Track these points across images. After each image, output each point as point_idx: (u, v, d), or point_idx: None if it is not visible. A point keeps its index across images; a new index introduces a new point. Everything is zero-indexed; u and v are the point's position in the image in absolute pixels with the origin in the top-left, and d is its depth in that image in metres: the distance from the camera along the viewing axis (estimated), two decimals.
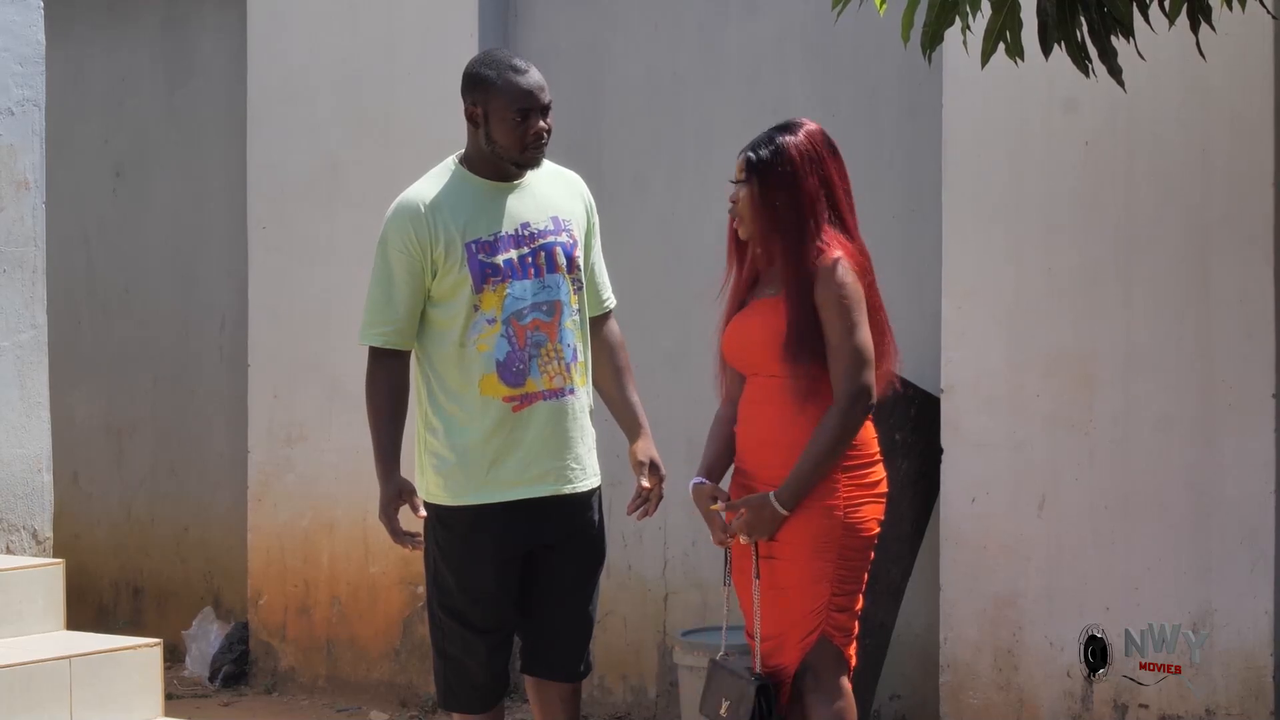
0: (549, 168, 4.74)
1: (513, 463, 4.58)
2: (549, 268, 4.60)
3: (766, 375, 4.49)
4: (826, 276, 4.40)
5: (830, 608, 4.43)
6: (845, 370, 4.38)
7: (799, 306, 4.42)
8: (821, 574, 4.42)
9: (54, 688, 5.29)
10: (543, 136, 4.59)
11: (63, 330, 7.54)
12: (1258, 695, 5.43)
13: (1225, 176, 5.48)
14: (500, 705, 4.76)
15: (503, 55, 4.69)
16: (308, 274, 7.34)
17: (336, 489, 7.22)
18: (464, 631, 4.65)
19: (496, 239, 4.58)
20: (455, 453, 4.60)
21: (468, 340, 4.56)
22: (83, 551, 7.97)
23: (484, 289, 4.55)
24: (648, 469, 4.72)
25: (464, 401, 4.59)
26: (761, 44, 6.55)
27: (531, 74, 4.60)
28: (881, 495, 4.51)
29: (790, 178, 4.44)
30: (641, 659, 6.72)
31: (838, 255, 4.41)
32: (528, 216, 4.61)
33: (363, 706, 7.11)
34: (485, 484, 4.59)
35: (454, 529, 4.64)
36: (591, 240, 4.76)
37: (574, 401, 4.61)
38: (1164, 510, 5.57)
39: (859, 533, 4.44)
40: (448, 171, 4.69)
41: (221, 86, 7.91)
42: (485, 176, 4.64)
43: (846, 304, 4.38)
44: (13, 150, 6.04)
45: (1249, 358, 5.45)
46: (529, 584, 4.67)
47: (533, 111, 4.58)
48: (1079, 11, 4.37)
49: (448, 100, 6.97)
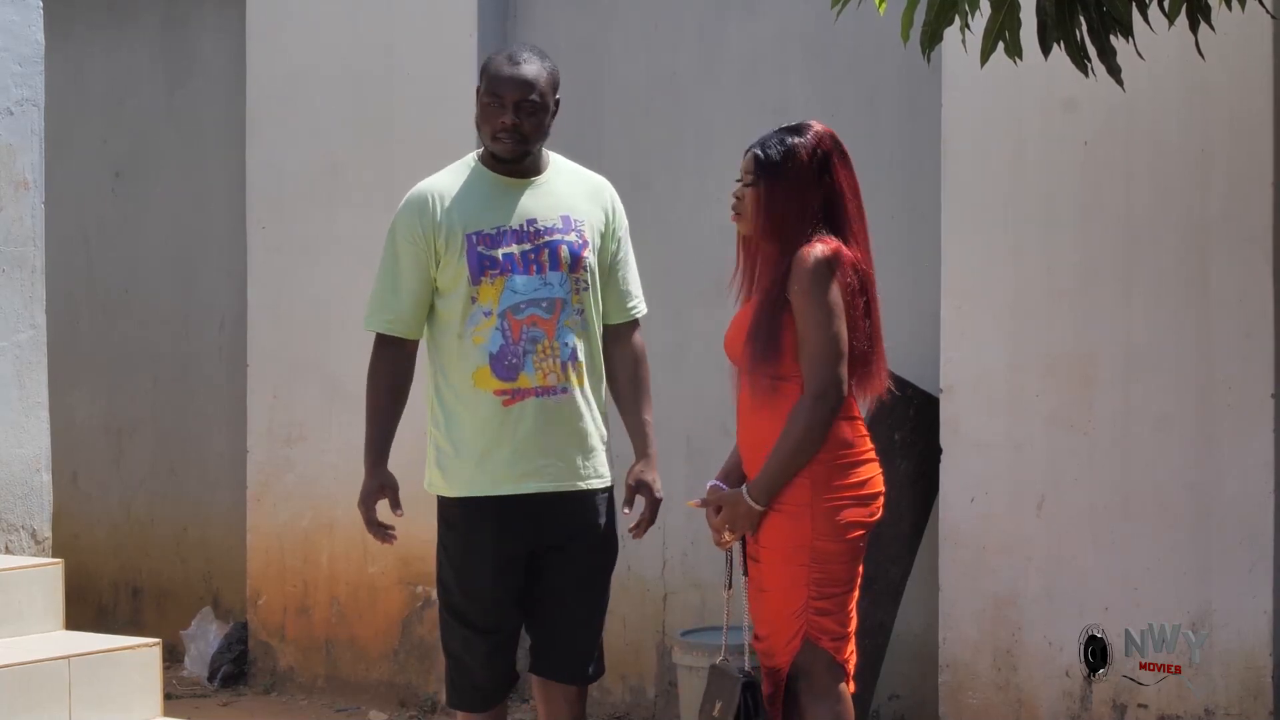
0: (575, 170, 4.76)
1: (503, 457, 4.59)
2: (551, 265, 4.59)
3: (747, 372, 4.47)
4: (797, 269, 4.34)
5: (810, 611, 4.37)
6: (811, 363, 4.32)
7: (768, 303, 4.38)
8: (796, 578, 4.36)
9: (53, 688, 5.29)
10: (510, 130, 4.57)
11: (62, 330, 7.53)
12: (1257, 695, 5.43)
13: (1225, 176, 5.47)
14: (504, 705, 4.76)
15: (519, 47, 4.68)
16: (308, 274, 7.34)
17: (336, 489, 7.22)
18: (464, 630, 4.66)
19: (499, 232, 4.59)
20: (453, 445, 4.64)
21: (465, 332, 4.58)
22: (82, 551, 7.97)
23: (481, 281, 4.56)
24: (635, 492, 4.73)
25: (460, 394, 4.61)
26: (761, 44, 6.55)
27: (522, 68, 4.58)
28: (869, 496, 4.43)
29: (795, 181, 4.41)
30: (641, 659, 6.72)
31: (819, 251, 4.35)
32: (536, 213, 4.62)
33: (362, 706, 7.11)
34: (476, 477, 4.61)
35: (455, 527, 4.66)
36: (613, 245, 4.74)
37: (569, 400, 4.60)
38: (1164, 510, 5.56)
39: (837, 536, 4.37)
40: (465, 166, 4.72)
41: (221, 86, 7.91)
42: (499, 172, 4.65)
43: (812, 295, 4.32)
44: (12, 150, 6.04)
45: (1248, 358, 5.45)
46: (534, 585, 4.68)
47: (503, 101, 4.56)
48: (1078, 11, 4.36)
49: (448, 100, 7.01)
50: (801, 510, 4.35)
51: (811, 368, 4.32)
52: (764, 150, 4.45)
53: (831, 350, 4.32)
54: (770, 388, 4.40)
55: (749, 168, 4.47)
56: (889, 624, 5.95)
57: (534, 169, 4.67)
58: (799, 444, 4.32)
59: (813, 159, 4.42)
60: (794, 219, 4.41)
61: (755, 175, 4.45)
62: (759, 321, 4.40)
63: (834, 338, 4.33)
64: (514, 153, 4.59)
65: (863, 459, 4.44)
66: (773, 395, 4.40)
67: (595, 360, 4.69)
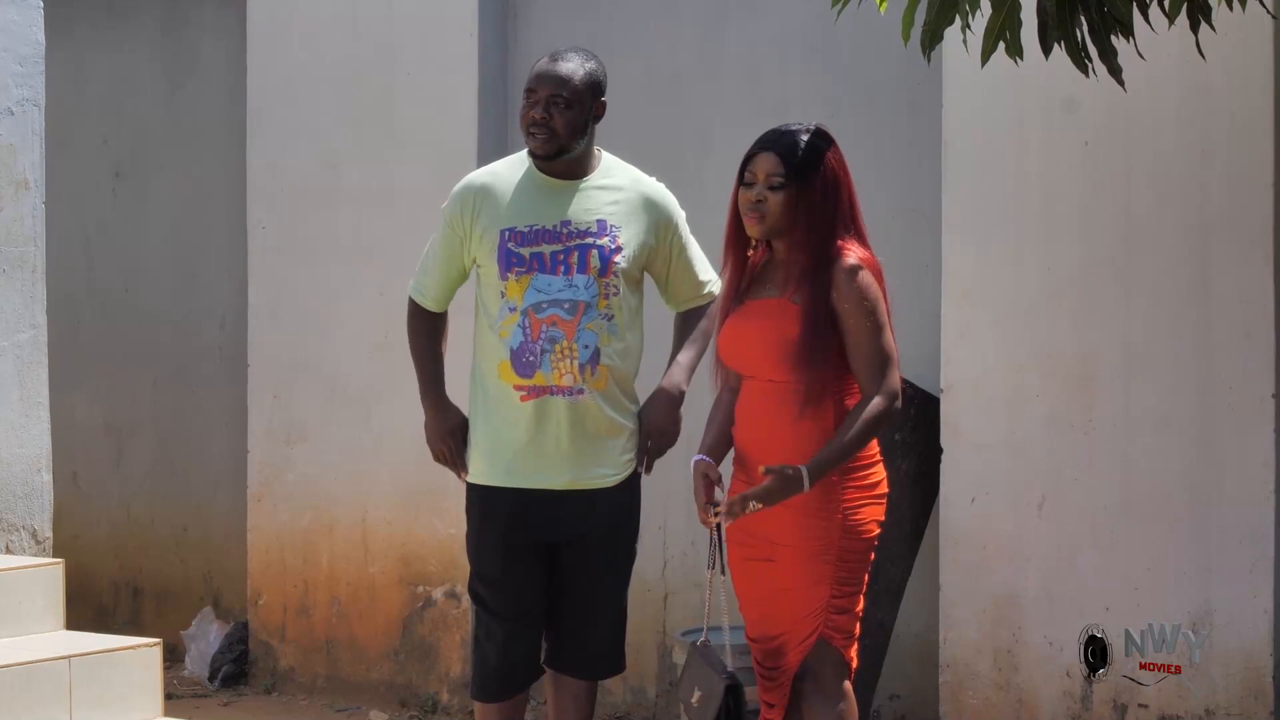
0: (628, 174, 4.81)
1: (516, 450, 4.69)
2: (580, 267, 4.65)
3: (766, 379, 4.46)
4: (848, 279, 4.38)
5: (829, 609, 4.42)
6: (878, 369, 4.37)
7: (816, 311, 4.39)
8: (821, 576, 4.41)
9: (53, 688, 5.29)
10: (539, 124, 4.61)
11: (63, 330, 7.53)
12: (1257, 695, 5.43)
13: (1225, 176, 5.48)
14: (520, 700, 4.78)
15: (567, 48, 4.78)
16: (308, 274, 7.34)
17: (336, 489, 7.22)
18: (483, 613, 4.79)
19: (533, 231, 4.66)
20: (478, 432, 4.76)
21: (495, 324, 4.69)
22: (82, 551, 7.96)
23: (508, 277, 4.65)
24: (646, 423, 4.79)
25: (488, 383, 4.73)
26: (761, 44, 6.55)
27: (558, 64, 4.67)
28: (881, 497, 4.50)
29: (831, 184, 4.42)
30: (641, 659, 6.72)
31: (856, 259, 4.40)
32: (572, 215, 4.68)
33: (362, 706, 7.11)
34: (491, 465, 4.72)
35: (472, 515, 4.79)
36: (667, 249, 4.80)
37: (586, 402, 4.65)
38: (1164, 510, 5.57)
39: (859, 535, 4.43)
40: (521, 161, 4.80)
41: (221, 86, 7.91)
42: (545, 171, 4.72)
43: (869, 305, 4.38)
44: (12, 150, 6.04)
45: (1248, 358, 5.45)
46: (552, 578, 4.76)
47: (536, 96, 4.62)
48: (1079, 11, 4.36)
49: (448, 100, 7.01)
50: (830, 509, 4.39)
51: (876, 373, 4.38)
52: (793, 154, 4.41)
53: (892, 357, 4.41)
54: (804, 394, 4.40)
55: (775, 170, 4.41)
56: (889, 624, 5.95)
57: (580, 170, 4.72)
58: (864, 437, 4.37)
59: (839, 163, 4.46)
60: (827, 222, 4.41)
61: (785, 178, 4.41)
62: (810, 332, 4.38)
63: (892, 345, 4.42)
64: (544, 149, 4.63)
65: (877, 460, 4.51)
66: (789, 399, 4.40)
67: (625, 361, 4.72)
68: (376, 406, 7.10)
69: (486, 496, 4.74)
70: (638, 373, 4.85)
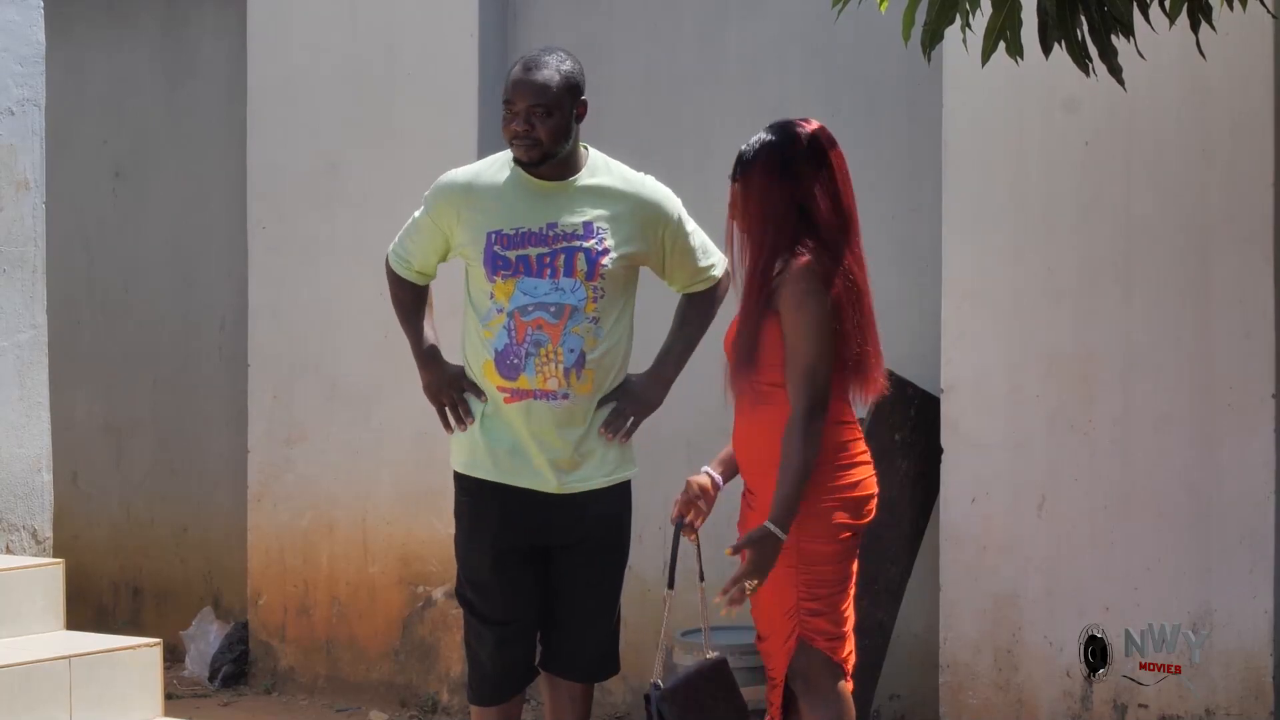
0: (616, 172, 4.75)
1: (498, 449, 4.66)
2: (566, 271, 4.60)
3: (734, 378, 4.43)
4: (785, 283, 4.30)
5: (801, 613, 4.35)
6: (798, 381, 4.27)
7: (747, 312, 4.34)
8: (784, 579, 4.33)
9: (53, 688, 5.29)
10: (522, 136, 4.57)
11: (63, 330, 7.53)
12: (1257, 695, 5.43)
13: (1225, 176, 5.48)
14: (515, 703, 4.77)
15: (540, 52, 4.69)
16: (308, 274, 7.34)
17: (336, 489, 7.22)
18: (473, 619, 4.75)
19: (519, 234, 4.62)
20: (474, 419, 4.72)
21: (482, 324, 4.66)
22: (82, 551, 7.96)
23: (495, 279, 4.61)
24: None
25: (475, 378, 4.71)
26: (761, 44, 6.55)
27: (533, 74, 4.58)
28: (861, 499, 4.39)
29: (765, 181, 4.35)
30: (641, 659, 6.71)
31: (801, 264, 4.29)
32: (558, 217, 4.63)
33: (362, 706, 7.11)
34: (474, 457, 4.68)
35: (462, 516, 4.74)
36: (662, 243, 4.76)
37: (570, 406, 4.62)
38: (1164, 510, 5.57)
39: (826, 538, 4.33)
40: (505, 162, 4.73)
41: (221, 86, 7.91)
42: (530, 173, 4.66)
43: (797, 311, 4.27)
44: (13, 150, 6.04)
45: (1248, 358, 5.45)
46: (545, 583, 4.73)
47: (512, 106, 4.58)
48: (1079, 10, 4.36)
49: (448, 100, 7.01)
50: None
51: (798, 385, 4.27)
52: (742, 149, 4.40)
53: (816, 367, 4.26)
54: (760, 394, 4.36)
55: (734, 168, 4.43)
56: (889, 624, 5.95)
57: (566, 171, 4.66)
58: (803, 464, 4.24)
59: (786, 159, 4.35)
60: (765, 219, 4.34)
61: (733, 172, 4.41)
62: (742, 329, 4.36)
63: (819, 354, 4.27)
64: (530, 158, 4.60)
65: (855, 462, 4.40)
66: (763, 402, 4.36)
67: (612, 363, 4.68)
68: (377, 406, 7.10)
69: (476, 498, 4.68)
70: (626, 371, 4.78)
